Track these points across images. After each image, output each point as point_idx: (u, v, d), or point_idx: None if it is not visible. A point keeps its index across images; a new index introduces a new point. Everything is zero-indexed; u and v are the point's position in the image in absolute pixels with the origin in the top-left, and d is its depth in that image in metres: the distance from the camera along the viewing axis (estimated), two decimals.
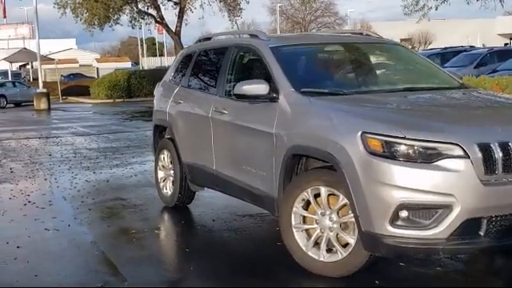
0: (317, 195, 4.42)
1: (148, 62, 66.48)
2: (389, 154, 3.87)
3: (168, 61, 62.11)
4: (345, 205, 4.25)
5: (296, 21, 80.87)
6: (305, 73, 5.38)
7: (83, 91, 38.67)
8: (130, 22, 31.74)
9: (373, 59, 5.71)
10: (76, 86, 42.32)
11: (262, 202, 5.12)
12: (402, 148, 3.85)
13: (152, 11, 32.58)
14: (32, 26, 41.19)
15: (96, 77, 56.67)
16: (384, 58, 5.92)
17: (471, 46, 27.87)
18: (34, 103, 28.70)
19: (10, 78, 39.20)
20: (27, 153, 12.34)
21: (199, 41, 7.08)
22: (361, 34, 6.21)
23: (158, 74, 36.00)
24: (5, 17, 44.70)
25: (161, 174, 7.11)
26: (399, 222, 3.87)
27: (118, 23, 31.27)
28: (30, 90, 34.26)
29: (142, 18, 32.45)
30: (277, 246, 5.13)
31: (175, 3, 32.67)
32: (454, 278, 4.46)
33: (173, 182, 6.83)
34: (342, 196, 4.23)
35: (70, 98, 37.67)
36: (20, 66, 57.49)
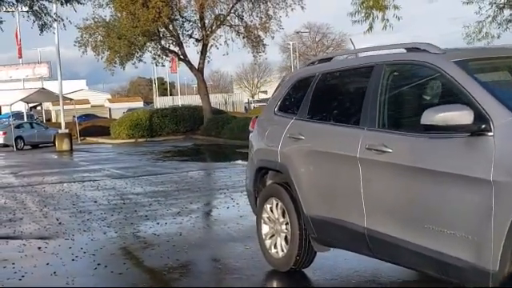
0: None
1: (161, 102, 65.60)
2: None
3: (181, 100, 61.12)
4: None
5: (308, 58, 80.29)
6: None
7: (99, 131, 37.71)
8: (154, 59, 30.66)
9: None
10: (92, 126, 41.32)
11: (462, 274, 3.67)
12: None
13: (174, 48, 31.61)
14: (48, 66, 40.28)
15: (108, 117, 55.76)
16: None
17: None
18: (56, 144, 27.41)
19: (25, 119, 38.11)
20: (68, 199, 10.93)
21: (312, 63, 5.75)
22: None
23: (179, 112, 35.14)
24: (20, 57, 43.72)
25: (266, 228, 5.68)
26: None
27: (141, 60, 30.25)
28: (47, 131, 33.10)
29: (166, 55, 31.43)
30: None
31: (197, 40, 31.71)
32: None
33: (285, 239, 5.40)
34: None
35: (88, 138, 36.46)
36: (31, 108, 56.48)
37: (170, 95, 73.51)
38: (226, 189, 11.25)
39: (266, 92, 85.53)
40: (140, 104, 69.93)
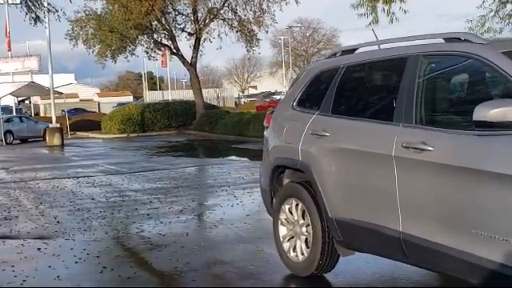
0: None
1: (150, 96, 65.05)
2: None
3: (172, 95, 60.57)
4: None
5: (298, 53, 79.97)
6: None
7: (89, 126, 37.26)
8: (146, 53, 30.22)
9: None
10: (82, 120, 40.83)
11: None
12: None
13: (167, 42, 31.14)
14: (38, 59, 39.61)
15: (97, 111, 55.11)
16: None
17: None
18: (47, 139, 26.91)
19: (14, 113, 37.46)
20: (64, 196, 10.53)
21: (333, 55, 5.41)
22: None
23: (171, 107, 34.71)
24: (9, 50, 42.93)
25: (283, 230, 5.34)
26: None
27: (133, 54, 29.76)
28: (37, 125, 32.58)
29: (159, 49, 30.96)
30: None
31: (189, 34, 31.25)
32: None
33: (306, 242, 5.07)
34: None
35: (78, 133, 35.93)
36: (19, 101, 55.66)
37: (160, 90, 72.88)
38: (227, 186, 10.91)
39: (255, 87, 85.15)
40: (129, 98, 69.22)
